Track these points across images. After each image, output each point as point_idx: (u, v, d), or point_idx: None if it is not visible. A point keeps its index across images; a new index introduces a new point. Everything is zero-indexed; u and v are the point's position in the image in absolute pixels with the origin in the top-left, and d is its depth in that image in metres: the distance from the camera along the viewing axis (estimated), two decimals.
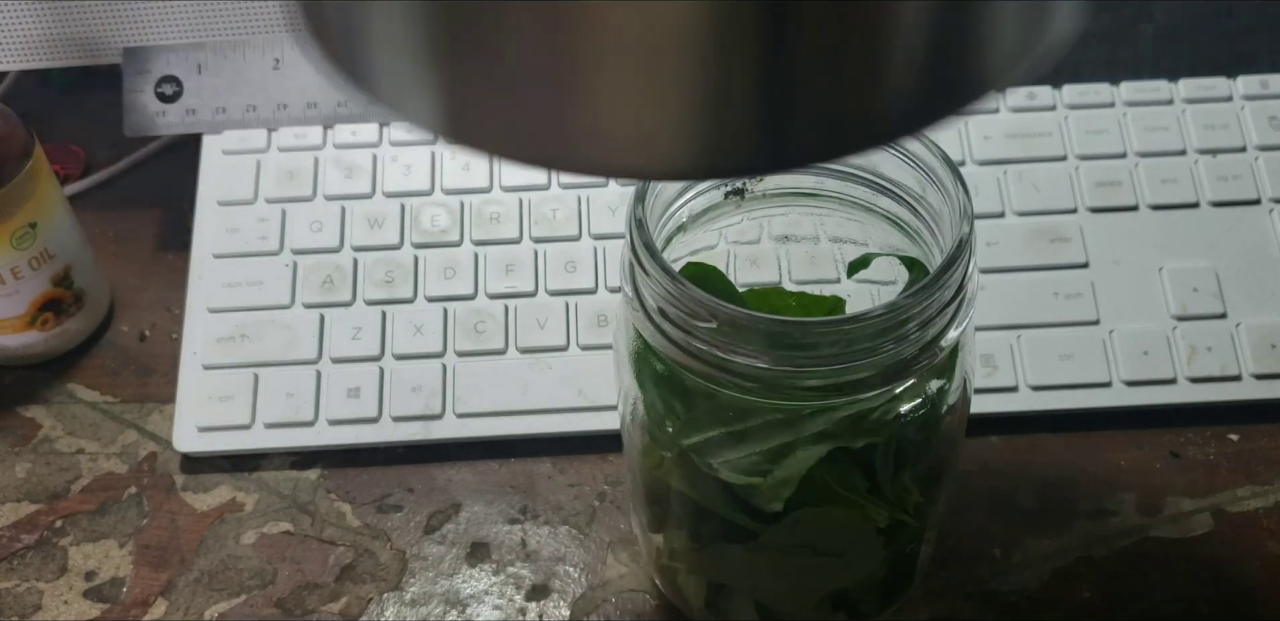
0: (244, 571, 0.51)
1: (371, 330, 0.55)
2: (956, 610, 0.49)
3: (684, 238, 0.41)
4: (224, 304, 0.56)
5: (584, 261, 0.56)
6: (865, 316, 0.33)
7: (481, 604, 0.50)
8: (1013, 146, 0.58)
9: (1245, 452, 0.53)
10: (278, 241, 0.57)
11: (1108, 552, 0.50)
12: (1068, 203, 0.57)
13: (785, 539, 0.40)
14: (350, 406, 0.53)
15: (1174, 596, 0.49)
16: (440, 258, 0.56)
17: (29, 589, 0.51)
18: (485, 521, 0.52)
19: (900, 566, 0.45)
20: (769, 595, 0.45)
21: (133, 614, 0.50)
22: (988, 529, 0.51)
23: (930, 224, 0.38)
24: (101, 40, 0.61)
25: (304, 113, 0.60)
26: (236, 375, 0.54)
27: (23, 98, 0.67)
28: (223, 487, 0.53)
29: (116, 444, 0.55)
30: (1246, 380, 0.53)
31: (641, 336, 0.37)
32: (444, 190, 0.58)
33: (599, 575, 0.50)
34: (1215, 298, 0.54)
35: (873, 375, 0.35)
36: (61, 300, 0.56)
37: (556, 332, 0.54)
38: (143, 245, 0.61)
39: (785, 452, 0.38)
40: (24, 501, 0.53)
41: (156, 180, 0.64)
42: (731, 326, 0.34)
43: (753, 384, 0.35)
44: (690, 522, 0.42)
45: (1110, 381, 0.53)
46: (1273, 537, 0.50)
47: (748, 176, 0.39)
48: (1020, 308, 0.54)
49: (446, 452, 0.54)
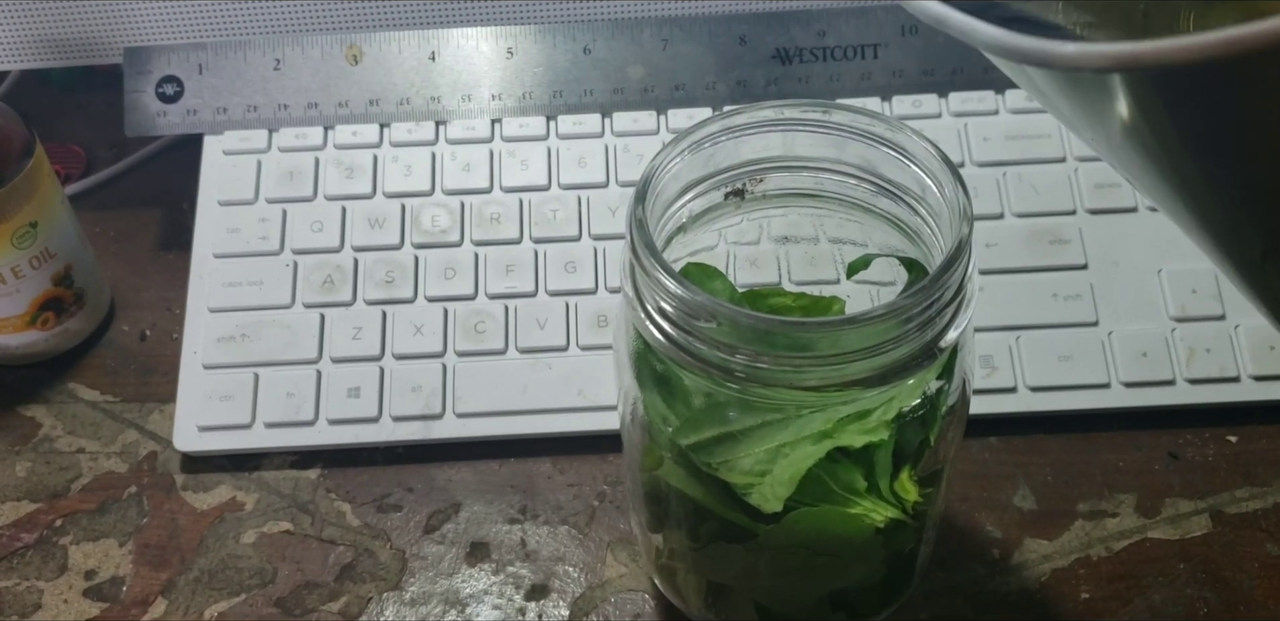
0: (244, 570, 0.51)
1: (372, 330, 0.55)
2: (955, 610, 0.49)
3: (684, 238, 0.41)
4: (224, 304, 0.56)
5: (584, 262, 0.56)
6: (864, 317, 0.33)
7: (481, 603, 0.50)
8: (1012, 148, 0.58)
9: (1244, 454, 0.53)
10: (278, 241, 0.57)
11: (1106, 553, 0.50)
12: (1067, 204, 0.57)
13: (784, 539, 0.40)
14: (350, 406, 0.53)
15: (1172, 597, 0.49)
16: (440, 258, 0.56)
17: (29, 588, 0.51)
18: (485, 521, 0.52)
19: (899, 566, 0.45)
20: (768, 595, 0.45)
21: (132, 613, 0.50)
22: (987, 529, 0.51)
23: (930, 225, 0.38)
24: (102, 40, 0.61)
25: (305, 113, 0.60)
26: (237, 375, 0.54)
27: (24, 97, 0.67)
28: (223, 487, 0.53)
29: (117, 443, 0.55)
30: (1245, 381, 0.53)
31: (641, 336, 0.37)
32: (444, 190, 0.58)
33: (598, 575, 0.50)
34: (1214, 299, 0.54)
35: (872, 375, 0.35)
36: (62, 299, 0.56)
37: (556, 333, 0.54)
38: (143, 245, 0.61)
39: (785, 452, 0.38)
40: (24, 500, 0.53)
41: (157, 180, 0.64)
42: (731, 326, 0.34)
43: (753, 384, 0.35)
44: (690, 522, 0.42)
45: (1109, 382, 0.53)
46: (1271, 539, 0.51)
47: None
48: (1019, 309, 0.54)
49: (446, 452, 0.54)
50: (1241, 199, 0.27)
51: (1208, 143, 0.25)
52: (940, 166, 0.37)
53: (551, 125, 0.60)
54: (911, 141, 0.37)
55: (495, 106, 0.60)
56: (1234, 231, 0.28)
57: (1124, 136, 0.27)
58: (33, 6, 0.59)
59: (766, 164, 0.40)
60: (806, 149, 0.39)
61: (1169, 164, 0.27)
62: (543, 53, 0.61)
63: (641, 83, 0.60)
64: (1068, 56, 0.23)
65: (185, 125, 0.60)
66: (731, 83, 0.60)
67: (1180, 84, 0.24)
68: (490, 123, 0.60)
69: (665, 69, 0.60)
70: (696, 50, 0.60)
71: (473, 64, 0.61)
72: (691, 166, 0.39)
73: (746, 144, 0.39)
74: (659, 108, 0.60)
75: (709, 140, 0.38)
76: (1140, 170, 0.29)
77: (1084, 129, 0.29)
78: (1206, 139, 0.25)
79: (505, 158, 0.59)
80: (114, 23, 0.60)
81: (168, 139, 0.65)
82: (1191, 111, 0.24)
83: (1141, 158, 0.27)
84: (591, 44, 0.60)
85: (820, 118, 0.38)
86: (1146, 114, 0.25)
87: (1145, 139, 0.26)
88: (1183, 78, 0.23)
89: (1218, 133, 0.24)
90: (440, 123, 0.60)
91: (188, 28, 0.61)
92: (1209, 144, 0.25)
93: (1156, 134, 0.26)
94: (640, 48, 0.60)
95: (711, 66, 0.60)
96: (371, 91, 0.60)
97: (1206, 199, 0.28)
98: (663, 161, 0.37)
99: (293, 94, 0.60)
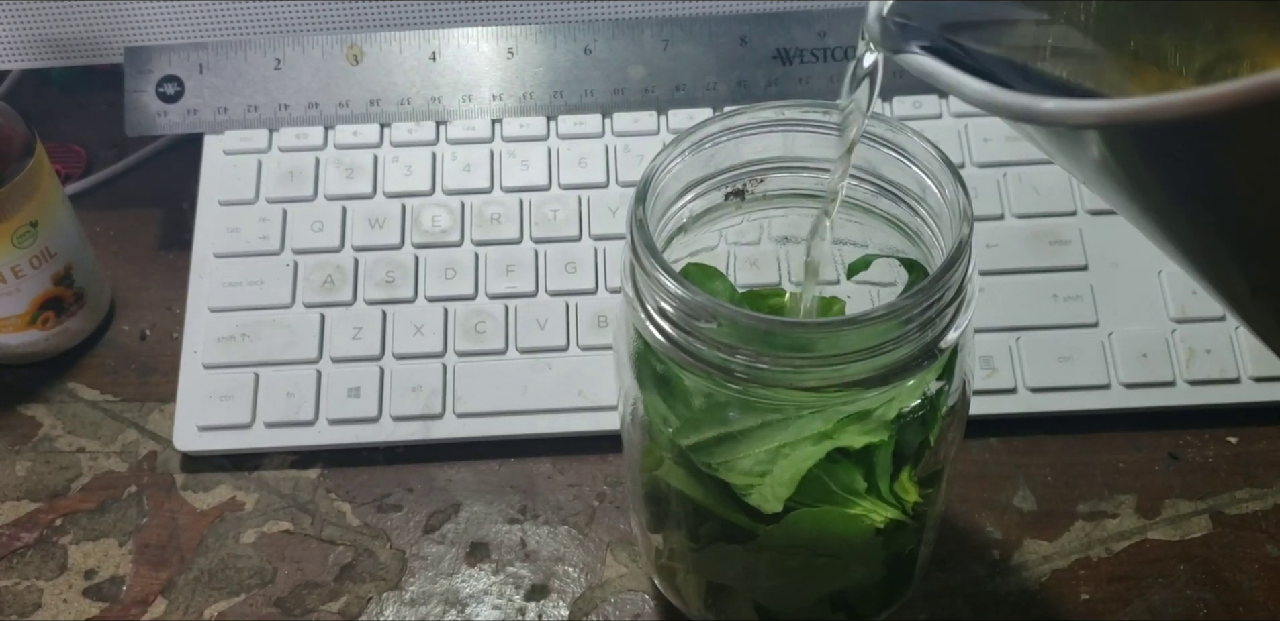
0: (244, 570, 0.51)
1: (372, 330, 0.55)
2: (955, 611, 0.49)
3: (684, 238, 0.41)
4: (225, 303, 0.56)
5: (584, 262, 0.56)
6: (865, 317, 0.33)
7: (481, 603, 0.50)
8: (1012, 149, 0.58)
9: (1244, 455, 0.53)
10: (278, 241, 0.57)
11: (1106, 554, 0.50)
12: (1067, 205, 0.57)
13: (784, 539, 0.40)
14: (350, 406, 0.53)
15: (1172, 598, 0.49)
16: (441, 258, 0.56)
17: (29, 587, 0.51)
18: (485, 521, 0.52)
19: (899, 567, 0.45)
20: (768, 595, 0.45)
21: (132, 612, 0.50)
22: (986, 530, 0.51)
23: (930, 226, 0.38)
24: (103, 40, 0.61)
25: (305, 113, 0.60)
26: (237, 375, 0.54)
27: (24, 97, 0.67)
28: (223, 487, 0.53)
29: (117, 443, 0.55)
30: (1245, 383, 0.53)
31: (641, 336, 0.37)
32: (445, 190, 0.58)
33: (598, 575, 0.50)
34: (1214, 300, 0.54)
35: (873, 376, 0.35)
36: (62, 299, 0.56)
37: (556, 333, 0.54)
38: (143, 245, 0.61)
39: (785, 453, 0.38)
40: (24, 500, 0.53)
41: (157, 180, 0.64)
42: (731, 326, 0.34)
43: (753, 384, 0.35)
44: (690, 523, 0.42)
45: (1109, 383, 0.53)
46: (1271, 540, 0.51)
47: None
48: (1019, 309, 0.54)
49: (446, 452, 0.54)
50: (1224, 242, 0.27)
51: (1186, 191, 0.26)
52: (940, 167, 0.37)
53: (552, 125, 0.60)
54: (912, 142, 0.37)
55: (496, 106, 0.60)
56: (1219, 270, 0.29)
57: (1107, 181, 0.28)
58: (33, 6, 0.59)
59: (767, 164, 0.40)
60: (807, 149, 0.39)
61: (1154, 209, 0.28)
62: (543, 53, 0.61)
63: (642, 83, 0.60)
64: (1046, 113, 0.24)
65: (186, 125, 0.60)
66: (732, 83, 0.60)
67: (1157, 138, 0.24)
68: (491, 123, 0.60)
69: (666, 69, 0.60)
70: (697, 50, 0.60)
71: (473, 64, 0.61)
72: (692, 167, 0.39)
73: (747, 144, 0.39)
74: (659, 108, 0.60)
75: (709, 140, 0.38)
76: (1126, 211, 0.29)
77: (1071, 169, 0.30)
78: (1185, 187, 0.26)
79: (506, 158, 0.59)
80: (114, 22, 0.60)
81: (168, 139, 0.65)
82: (1170, 162, 0.25)
83: (1127, 200, 0.28)
84: (592, 44, 0.60)
85: (820, 118, 0.38)
86: (1126, 164, 0.26)
87: (1126, 186, 0.27)
88: (1159, 132, 0.24)
89: (1196, 181, 0.25)
90: (441, 123, 0.60)
91: (188, 27, 0.61)
92: (1188, 192, 0.26)
93: (1136, 181, 0.27)
94: (641, 48, 0.60)
95: (712, 67, 0.60)
96: (372, 91, 0.60)
97: (1192, 242, 0.28)
98: (663, 162, 0.37)
99: (293, 94, 0.60)
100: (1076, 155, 0.27)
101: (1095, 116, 0.23)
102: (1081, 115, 0.24)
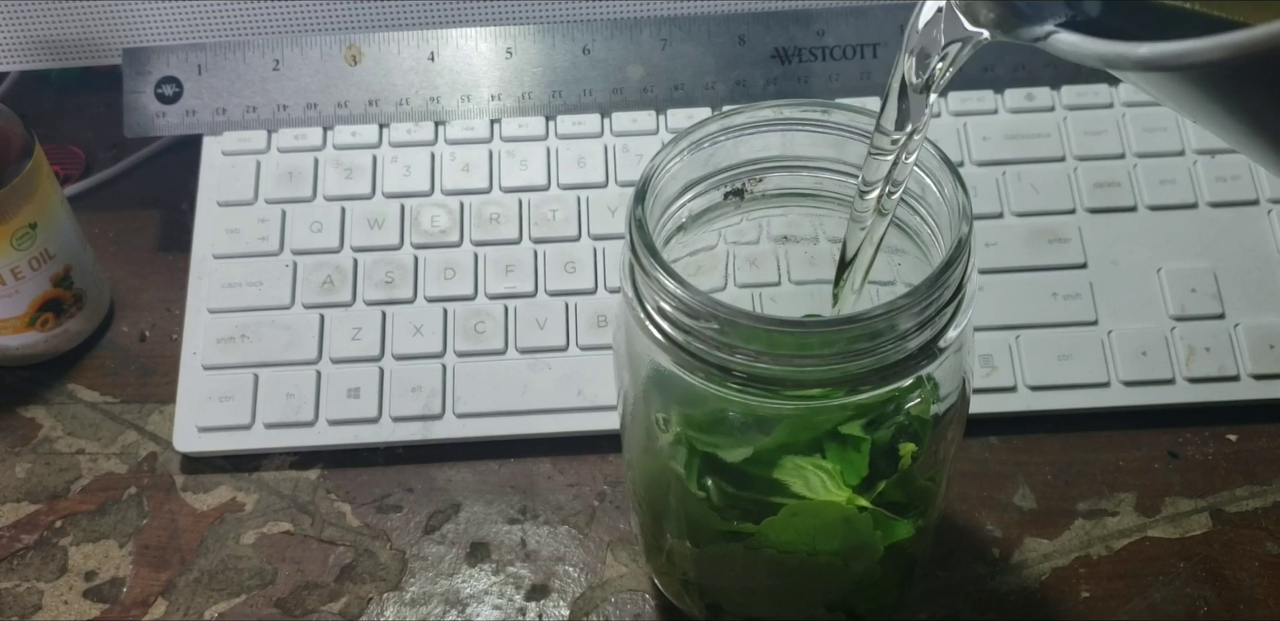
0: (244, 571, 0.51)
1: (371, 330, 0.55)
2: (956, 610, 0.49)
3: (684, 238, 0.41)
4: (224, 304, 0.56)
5: (584, 262, 0.56)
6: (864, 316, 0.33)
7: (481, 603, 0.50)
8: (1012, 147, 0.58)
9: (1243, 453, 0.53)
10: (278, 242, 0.57)
11: (1106, 552, 0.50)
12: (1066, 203, 0.57)
13: (782, 535, 0.40)
14: (350, 406, 0.53)
15: (1172, 596, 0.49)
16: (440, 258, 0.56)
17: (29, 589, 0.51)
18: (485, 521, 0.52)
19: (899, 566, 0.45)
20: (768, 595, 0.45)
21: (132, 614, 0.50)
22: (986, 529, 0.51)
23: (929, 224, 0.38)
24: (101, 41, 0.61)
25: (304, 114, 0.60)
26: (236, 375, 0.54)
27: (23, 98, 0.67)
28: (223, 487, 0.53)
29: (116, 444, 0.55)
30: (1245, 380, 0.53)
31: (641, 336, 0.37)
32: (444, 191, 0.58)
33: (598, 575, 0.50)
34: (1213, 298, 0.54)
35: (872, 375, 0.35)
36: (61, 300, 0.56)
37: (556, 333, 0.55)
38: (143, 245, 0.61)
39: (785, 452, 0.38)
40: (24, 501, 0.53)
41: (156, 181, 0.64)
42: (731, 326, 0.34)
43: (753, 384, 0.35)
44: (689, 522, 0.42)
45: (1109, 381, 0.53)
46: (1271, 537, 0.51)
47: None
48: (1019, 308, 0.54)
49: (446, 452, 0.54)
50: None
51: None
52: (939, 166, 0.37)
53: (551, 125, 0.60)
54: None
55: (494, 107, 0.60)
56: None
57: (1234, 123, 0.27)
58: (32, 7, 0.59)
59: (766, 164, 0.40)
60: (806, 149, 0.39)
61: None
62: (542, 53, 0.61)
63: (640, 83, 0.60)
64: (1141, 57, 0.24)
65: (184, 126, 0.60)
66: (731, 82, 0.60)
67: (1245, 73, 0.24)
68: (489, 123, 0.60)
69: (664, 69, 0.60)
70: (695, 50, 0.60)
71: (472, 64, 0.61)
72: (691, 166, 0.39)
73: (746, 144, 0.39)
74: (658, 108, 0.60)
75: (708, 140, 0.38)
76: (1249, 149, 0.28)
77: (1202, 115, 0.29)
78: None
79: (504, 158, 0.59)
80: (113, 23, 0.60)
81: (167, 140, 0.65)
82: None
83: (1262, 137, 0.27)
84: (590, 44, 0.60)
85: (820, 117, 0.38)
86: (1231, 100, 0.25)
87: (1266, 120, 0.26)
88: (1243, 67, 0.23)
89: None
90: (439, 123, 0.60)
91: (187, 28, 0.61)
92: None
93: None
94: (639, 48, 0.60)
95: (711, 66, 0.60)
96: (371, 92, 0.60)
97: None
98: (662, 161, 0.37)
99: (292, 94, 0.60)
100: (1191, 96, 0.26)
101: (1224, 50, 0.22)
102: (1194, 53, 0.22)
